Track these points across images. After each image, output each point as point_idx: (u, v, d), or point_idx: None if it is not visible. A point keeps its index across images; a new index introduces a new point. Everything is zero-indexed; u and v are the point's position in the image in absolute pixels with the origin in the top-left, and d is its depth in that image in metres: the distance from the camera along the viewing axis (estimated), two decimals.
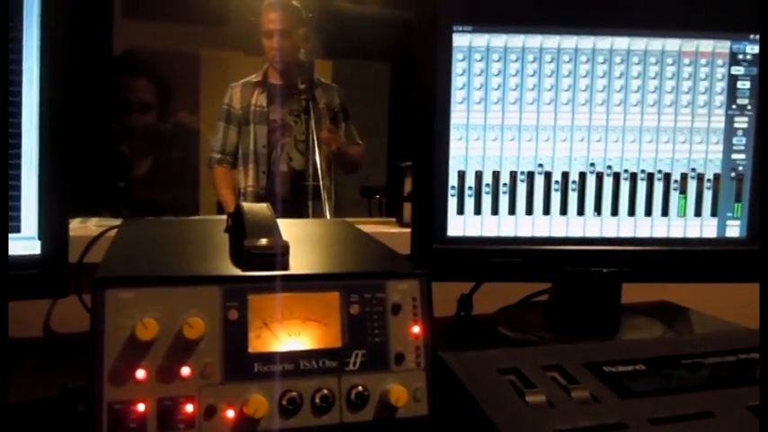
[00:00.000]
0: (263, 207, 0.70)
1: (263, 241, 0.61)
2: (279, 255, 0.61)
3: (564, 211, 0.94)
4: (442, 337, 0.95)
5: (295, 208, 2.30)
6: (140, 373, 0.52)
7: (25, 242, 0.73)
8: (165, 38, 3.20)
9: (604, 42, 0.92)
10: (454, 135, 0.92)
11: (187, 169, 3.01)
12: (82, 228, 1.17)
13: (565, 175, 0.93)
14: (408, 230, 0.95)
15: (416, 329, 0.60)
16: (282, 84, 2.37)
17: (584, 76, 0.92)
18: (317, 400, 0.55)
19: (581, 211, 0.94)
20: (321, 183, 2.09)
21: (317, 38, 2.75)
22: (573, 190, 0.93)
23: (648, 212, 0.94)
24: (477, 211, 0.93)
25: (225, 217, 0.78)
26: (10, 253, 0.71)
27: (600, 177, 0.93)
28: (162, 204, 2.78)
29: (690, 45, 0.93)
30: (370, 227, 1.28)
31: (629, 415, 0.57)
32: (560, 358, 0.67)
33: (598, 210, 0.94)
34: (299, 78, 2.25)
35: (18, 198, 0.72)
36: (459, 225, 0.93)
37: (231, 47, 3.18)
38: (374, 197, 3.28)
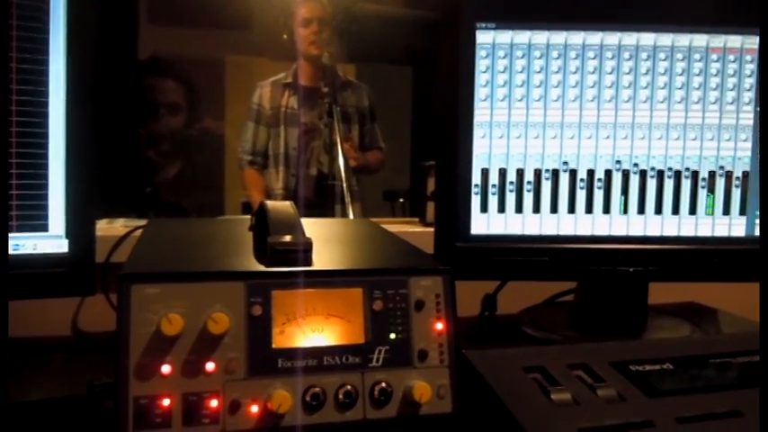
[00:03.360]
0: (286, 205, 0.70)
1: (287, 238, 0.61)
2: (302, 251, 0.61)
3: (589, 209, 0.93)
4: (465, 337, 0.95)
5: (321, 211, 2.30)
6: (165, 368, 0.52)
7: (53, 241, 0.74)
8: (189, 43, 3.23)
9: (630, 38, 0.91)
10: (477, 133, 0.92)
11: (212, 175, 3.03)
12: (109, 228, 1.18)
13: (590, 173, 0.92)
14: (432, 230, 0.94)
15: (440, 326, 0.59)
16: (313, 86, 2.35)
17: (610, 73, 0.91)
18: (341, 396, 0.55)
19: (607, 210, 0.93)
20: (345, 184, 2.09)
21: (339, 42, 2.75)
22: (599, 188, 0.92)
23: (676, 211, 0.93)
24: (501, 209, 0.92)
25: (249, 217, 0.78)
26: (38, 251, 0.73)
27: (626, 175, 0.92)
28: (187, 209, 2.79)
29: (717, 41, 0.91)
30: (394, 226, 1.28)
31: (656, 413, 0.57)
32: (586, 357, 0.66)
33: (624, 208, 0.93)
34: (322, 82, 2.26)
35: (45, 197, 0.73)
36: (483, 223, 0.93)
37: (255, 52, 3.20)
38: (397, 201, 3.28)
